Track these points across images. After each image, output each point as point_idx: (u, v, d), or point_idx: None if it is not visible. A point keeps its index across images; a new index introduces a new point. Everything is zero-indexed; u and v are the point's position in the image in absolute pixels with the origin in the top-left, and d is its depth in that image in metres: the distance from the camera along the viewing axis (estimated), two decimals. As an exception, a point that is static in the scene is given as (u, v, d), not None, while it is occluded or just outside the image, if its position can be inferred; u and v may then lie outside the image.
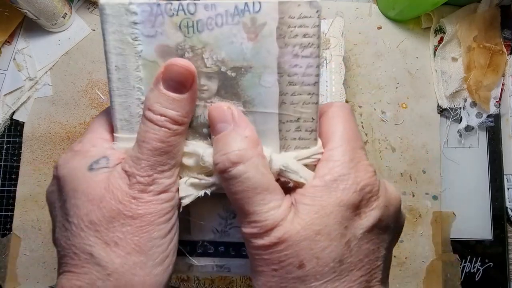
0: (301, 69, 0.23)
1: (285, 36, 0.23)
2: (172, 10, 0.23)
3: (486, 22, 0.49)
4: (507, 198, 0.49)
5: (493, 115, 0.50)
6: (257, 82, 0.23)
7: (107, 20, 0.23)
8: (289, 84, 0.23)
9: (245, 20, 0.23)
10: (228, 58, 0.23)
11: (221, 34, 0.23)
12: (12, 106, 0.50)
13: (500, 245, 0.49)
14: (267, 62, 0.23)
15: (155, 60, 0.23)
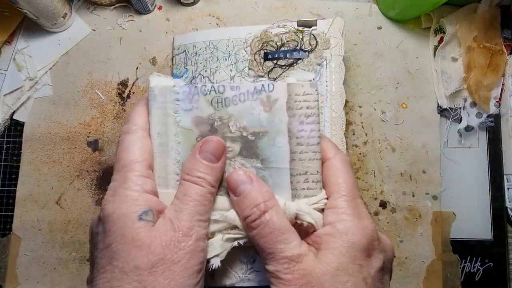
0: (306, 132, 0.30)
1: (293, 108, 0.30)
2: (206, 90, 0.30)
3: (486, 22, 0.49)
4: (507, 198, 0.49)
5: (493, 115, 0.50)
6: (272, 143, 0.30)
7: (155, 99, 0.30)
8: (297, 144, 0.30)
9: (262, 97, 0.30)
10: (249, 125, 0.30)
11: (243, 107, 0.30)
12: (12, 106, 0.50)
13: (500, 245, 0.49)
14: (280, 128, 0.30)
15: (191, 129, 0.30)
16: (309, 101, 0.30)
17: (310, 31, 0.47)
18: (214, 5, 0.53)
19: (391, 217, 0.49)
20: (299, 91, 0.30)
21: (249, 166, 0.30)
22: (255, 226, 0.27)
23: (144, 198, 0.27)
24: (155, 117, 0.30)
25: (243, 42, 0.48)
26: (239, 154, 0.30)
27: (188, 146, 0.30)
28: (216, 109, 0.30)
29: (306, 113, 0.30)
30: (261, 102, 0.30)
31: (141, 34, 0.53)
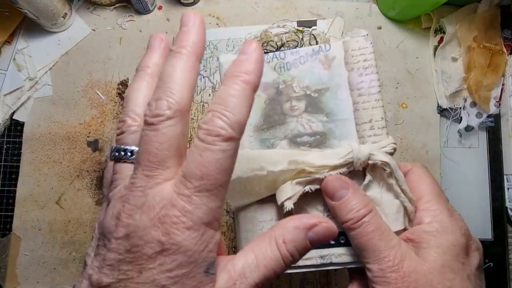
0: (366, 83, 0.31)
1: (350, 63, 0.32)
2: (269, 58, 0.32)
3: (486, 22, 0.49)
4: (507, 198, 0.49)
5: (493, 115, 0.50)
6: (335, 97, 0.32)
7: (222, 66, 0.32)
8: (358, 95, 0.31)
9: (320, 57, 0.32)
10: (311, 84, 0.32)
11: (304, 68, 0.32)
12: (12, 106, 0.50)
13: (500, 245, 0.49)
14: (340, 82, 0.32)
15: (259, 93, 0.32)
16: (365, 54, 0.32)
17: (310, 31, 0.47)
18: (214, 5, 0.53)
19: (391, 217, 0.49)
20: (354, 46, 0.32)
21: (315, 120, 0.32)
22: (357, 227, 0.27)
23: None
24: None
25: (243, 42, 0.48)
26: (305, 111, 0.32)
27: (258, 109, 0.32)
28: (280, 74, 0.32)
29: (364, 65, 0.32)
30: (320, 61, 0.32)
31: (141, 34, 0.53)
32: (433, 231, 0.27)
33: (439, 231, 0.27)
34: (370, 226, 0.27)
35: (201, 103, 0.48)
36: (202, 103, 0.48)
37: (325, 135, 0.31)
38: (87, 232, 0.49)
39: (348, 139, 0.31)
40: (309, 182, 0.30)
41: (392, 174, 0.30)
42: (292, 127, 0.32)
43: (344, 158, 0.29)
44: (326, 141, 0.31)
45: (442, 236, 0.27)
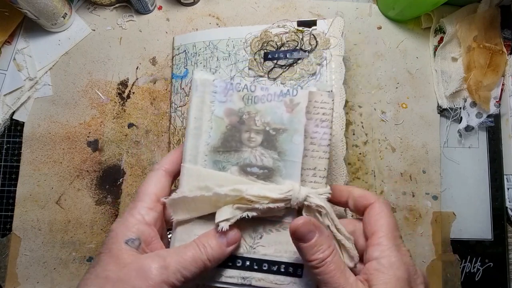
0: (319, 134, 0.34)
1: (311, 112, 0.34)
2: (240, 87, 0.35)
3: (486, 22, 0.49)
4: (507, 198, 0.49)
5: (493, 115, 0.50)
6: (290, 140, 0.34)
7: (196, 89, 0.35)
8: (310, 143, 0.34)
9: (286, 100, 0.35)
10: (272, 121, 0.34)
11: (269, 106, 0.35)
12: (12, 106, 0.50)
13: (500, 245, 0.49)
14: (298, 127, 0.34)
15: (223, 118, 0.34)
16: (325, 108, 0.34)
17: (310, 31, 0.47)
18: (214, 5, 0.53)
19: (391, 217, 0.49)
20: (318, 98, 0.34)
21: (268, 155, 0.34)
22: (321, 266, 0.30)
23: (139, 228, 0.31)
24: (194, 104, 0.35)
25: (243, 42, 0.48)
26: (260, 144, 0.34)
27: (218, 131, 0.35)
28: (246, 104, 0.35)
29: (322, 118, 0.34)
30: (284, 103, 0.35)
31: (141, 34, 0.53)
32: (381, 268, 0.30)
33: (386, 267, 0.30)
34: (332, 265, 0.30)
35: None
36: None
37: (273, 171, 0.34)
38: (87, 232, 0.49)
39: (291, 179, 0.34)
40: (249, 209, 0.32)
41: (328, 216, 0.33)
42: (245, 156, 0.34)
43: (284, 194, 0.32)
44: (272, 177, 0.34)
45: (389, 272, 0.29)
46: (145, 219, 0.32)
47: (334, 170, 0.44)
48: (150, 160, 0.50)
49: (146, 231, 0.31)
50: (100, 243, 0.49)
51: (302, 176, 0.34)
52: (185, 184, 0.33)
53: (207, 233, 0.32)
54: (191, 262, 0.30)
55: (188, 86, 0.49)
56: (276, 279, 0.33)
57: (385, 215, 0.32)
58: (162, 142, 0.51)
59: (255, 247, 0.34)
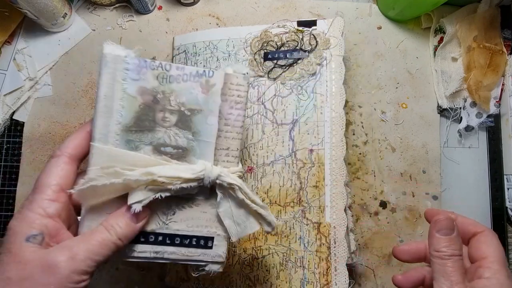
0: (233, 116, 0.35)
1: (226, 94, 0.35)
2: (154, 66, 0.34)
3: (486, 22, 0.49)
4: (507, 198, 0.49)
5: (493, 115, 0.50)
6: (204, 121, 0.35)
7: (107, 64, 0.33)
8: (224, 125, 0.35)
9: (202, 80, 0.34)
10: (187, 102, 0.34)
11: (185, 86, 0.34)
12: (12, 106, 0.50)
13: (500, 245, 0.49)
14: (212, 108, 0.34)
15: (136, 96, 0.33)
16: (240, 90, 0.35)
17: (310, 31, 0.47)
18: (214, 5, 0.53)
19: (391, 217, 0.49)
20: (233, 81, 0.35)
21: (182, 136, 0.34)
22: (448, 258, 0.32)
23: (41, 222, 0.29)
24: (104, 81, 0.33)
25: (243, 42, 0.48)
26: (175, 124, 0.34)
27: (131, 110, 0.33)
28: (161, 84, 0.34)
29: (236, 100, 0.35)
30: (200, 84, 0.34)
31: (141, 34, 0.53)
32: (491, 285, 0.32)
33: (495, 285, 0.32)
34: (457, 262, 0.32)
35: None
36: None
37: (187, 151, 0.34)
38: (87, 232, 0.49)
39: (205, 159, 0.35)
40: (162, 190, 0.32)
41: (241, 190, 0.34)
42: (159, 136, 0.34)
43: (196, 174, 0.33)
44: (186, 156, 0.34)
45: None
46: (47, 212, 0.30)
47: (334, 170, 0.44)
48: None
49: (50, 224, 0.30)
50: (100, 243, 0.49)
51: (216, 156, 0.35)
52: (94, 164, 0.32)
53: (115, 213, 0.32)
54: (101, 246, 0.30)
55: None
56: (188, 251, 0.35)
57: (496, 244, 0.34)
58: (162, 142, 0.51)
59: (167, 223, 0.35)
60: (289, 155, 0.45)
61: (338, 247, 0.43)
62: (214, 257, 0.35)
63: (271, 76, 0.47)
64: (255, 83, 0.47)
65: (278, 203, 0.45)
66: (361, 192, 0.49)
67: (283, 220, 0.45)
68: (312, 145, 0.45)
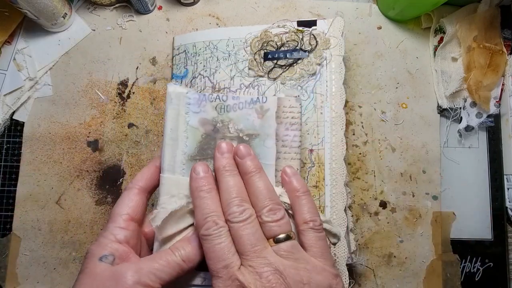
0: (290, 137, 0.37)
1: (280, 117, 0.37)
2: (212, 98, 0.37)
3: (486, 22, 0.49)
4: (507, 198, 0.49)
5: (493, 115, 0.50)
6: (262, 144, 0.36)
7: (171, 101, 0.36)
8: (282, 146, 0.37)
9: (256, 107, 0.37)
10: (244, 128, 0.37)
11: (241, 114, 0.37)
12: (12, 106, 0.50)
13: (500, 245, 0.49)
14: (269, 132, 0.36)
15: (198, 127, 0.36)
16: (293, 112, 0.37)
17: (310, 31, 0.47)
18: (214, 5, 0.53)
19: (391, 217, 0.49)
20: (286, 104, 0.37)
21: None
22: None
23: (112, 246, 0.33)
24: (170, 116, 0.36)
25: (243, 42, 0.48)
26: None
27: (194, 140, 0.36)
28: (220, 114, 0.37)
29: (291, 121, 0.37)
30: (255, 110, 0.37)
31: (141, 34, 0.53)
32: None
33: None
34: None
35: (201, 103, 0.48)
36: (202, 103, 0.48)
37: None
38: (87, 232, 0.49)
39: None
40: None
41: None
42: None
43: None
44: None
45: None
46: (117, 238, 0.33)
47: (334, 170, 0.44)
48: (150, 160, 0.50)
49: (120, 248, 0.33)
50: (100, 243, 0.49)
51: (277, 177, 0.36)
52: (164, 194, 0.34)
53: (182, 239, 0.34)
54: (165, 264, 0.32)
55: (188, 86, 0.49)
56: None
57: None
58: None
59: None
60: (289, 155, 0.45)
61: (338, 247, 0.43)
62: None
63: (271, 76, 0.47)
64: (255, 83, 0.47)
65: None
66: (361, 192, 0.49)
67: (283, 220, 0.45)
68: (312, 145, 0.45)
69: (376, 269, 0.48)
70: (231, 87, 0.47)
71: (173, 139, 0.36)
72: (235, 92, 0.47)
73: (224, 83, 0.48)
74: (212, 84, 0.48)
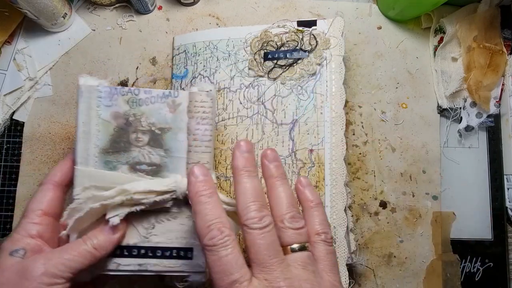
0: (201, 131, 0.37)
1: (192, 111, 0.38)
2: (124, 92, 0.37)
3: (486, 22, 0.49)
4: (507, 198, 0.49)
5: (493, 115, 0.50)
6: (174, 137, 0.38)
7: (82, 95, 0.37)
8: (193, 140, 0.37)
9: (168, 101, 0.38)
10: (157, 122, 0.38)
11: (153, 108, 0.38)
12: (12, 106, 0.50)
13: (500, 245, 0.49)
14: (181, 126, 0.37)
15: (109, 121, 0.37)
16: (204, 107, 0.38)
17: (310, 31, 0.47)
18: (214, 5, 0.53)
19: (391, 217, 0.49)
20: (198, 98, 0.38)
21: (155, 153, 0.37)
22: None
23: (24, 241, 0.33)
24: (81, 109, 0.37)
25: (243, 42, 0.48)
26: (147, 143, 0.37)
27: (106, 134, 0.37)
28: (132, 107, 0.37)
29: (202, 116, 0.37)
30: (167, 104, 0.38)
31: (141, 34, 0.53)
32: None
33: None
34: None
35: (201, 103, 0.48)
36: (202, 103, 0.48)
37: (161, 167, 0.37)
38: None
39: (178, 173, 0.37)
40: (136, 204, 0.35)
41: None
42: (134, 155, 0.37)
43: (167, 186, 0.35)
44: (160, 172, 0.37)
45: None
46: (29, 233, 0.34)
47: (334, 170, 0.44)
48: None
49: (32, 243, 0.33)
50: (100, 243, 0.49)
51: (188, 170, 0.37)
52: (78, 185, 0.36)
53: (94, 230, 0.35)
54: (75, 254, 0.33)
55: (188, 86, 0.49)
56: (170, 263, 0.37)
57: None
58: (162, 142, 0.51)
59: (148, 237, 0.37)
60: (289, 155, 0.45)
61: (338, 247, 0.43)
62: (195, 267, 0.37)
63: (271, 76, 0.47)
64: (255, 83, 0.47)
65: (278, 203, 0.45)
66: (361, 192, 0.49)
67: (283, 220, 0.45)
68: (312, 145, 0.45)
69: (376, 269, 0.48)
70: (231, 87, 0.47)
71: (85, 132, 0.37)
72: (235, 92, 0.47)
73: (224, 83, 0.48)
74: (212, 84, 0.48)
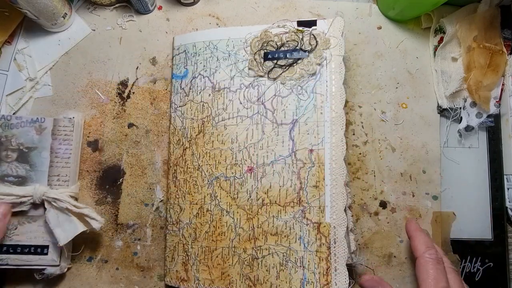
0: (62, 150, 0.47)
1: (56, 134, 0.47)
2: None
3: (486, 22, 0.49)
4: (507, 198, 0.49)
5: (493, 115, 0.50)
6: (39, 155, 0.46)
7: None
8: (55, 157, 0.46)
9: (36, 125, 0.46)
10: (25, 142, 0.46)
11: (23, 130, 0.46)
12: (14, 106, 0.51)
13: (500, 245, 0.49)
14: (45, 145, 0.46)
15: None
16: (66, 130, 0.47)
17: (310, 31, 0.47)
18: (214, 5, 0.53)
19: (391, 217, 0.49)
20: (61, 124, 0.47)
21: (22, 168, 0.46)
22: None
23: None
24: None
25: (243, 42, 0.48)
26: (15, 159, 0.45)
27: None
28: (4, 130, 0.46)
29: (64, 138, 0.47)
30: (35, 128, 0.46)
31: (141, 34, 0.53)
32: None
33: None
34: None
35: (201, 103, 0.48)
36: (202, 103, 0.48)
37: (26, 179, 0.45)
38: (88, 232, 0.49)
39: (40, 184, 0.45)
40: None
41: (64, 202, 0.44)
42: (3, 169, 0.45)
43: (26, 191, 0.44)
44: (25, 183, 0.45)
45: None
46: None
47: (334, 170, 0.44)
48: (150, 160, 0.50)
49: None
50: (100, 243, 0.49)
51: (49, 181, 0.46)
52: None
53: None
54: None
55: (188, 86, 0.49)
56: (28, 258, 0.45)
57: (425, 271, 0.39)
58: (162, 142, 0.51)
59: (11, 236, 0.45)
60: (289, 155, 0.45)
61: (338, 247, 0.43)
62: (49, 261, 0.45)
63: (271, 76, 0.47)
64: (255, 83, 0.47)
65: (278, 203, 0.45)
66: (361, 192, 0.49)
67: (283, 220, 0.45)
68: (312, 145, 0.45)
69: (376, 269, 0.48)
70: (231, 87, 0.47)
71: None
72: (235, 92, 0.47)
73: (224, 83, 0.48)
74: (212, 84, 0.48)
